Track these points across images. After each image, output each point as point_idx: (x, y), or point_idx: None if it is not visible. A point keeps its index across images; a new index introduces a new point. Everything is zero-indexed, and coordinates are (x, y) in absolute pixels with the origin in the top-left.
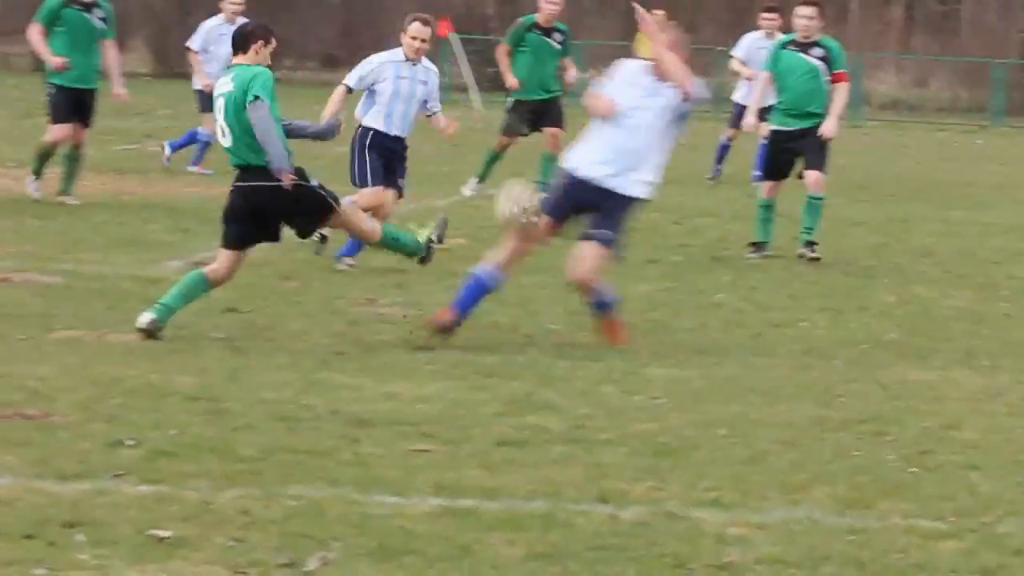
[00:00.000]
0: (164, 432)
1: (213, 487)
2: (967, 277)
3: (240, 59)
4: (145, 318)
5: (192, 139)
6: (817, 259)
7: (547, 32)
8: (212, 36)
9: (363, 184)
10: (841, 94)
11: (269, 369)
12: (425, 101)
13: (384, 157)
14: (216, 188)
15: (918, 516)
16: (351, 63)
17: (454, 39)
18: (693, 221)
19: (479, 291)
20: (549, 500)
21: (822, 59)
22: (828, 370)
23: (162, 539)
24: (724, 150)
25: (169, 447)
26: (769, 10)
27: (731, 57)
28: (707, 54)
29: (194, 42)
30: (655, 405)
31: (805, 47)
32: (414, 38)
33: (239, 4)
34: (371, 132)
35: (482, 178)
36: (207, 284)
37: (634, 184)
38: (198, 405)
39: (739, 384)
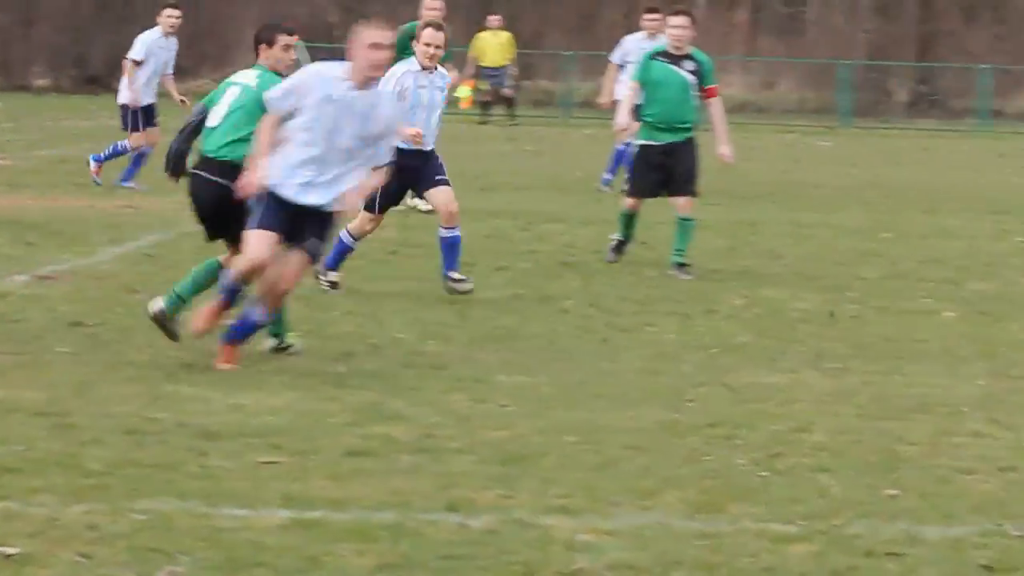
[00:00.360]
0: (10, 448)
1: (60, 503)
2: (816, 279)
3: (258, 61)
4: (155, 304)
5: (117, 152)
6: (690, 278)
7: None
8: (153, 49)
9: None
10: (719, 111)
11: (116, 383)
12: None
13: (403, 175)
14: (60, 200)
15: (769, 519)
16: (197, 73)
17: (300, 47)
18: (540, 227)
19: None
20: (398, 510)
21: (694, 73)
22: (677, 374)
23: (8, 556)
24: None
25: (15, 463)
26: (651, 11)
27: (611, 62)
28: (554, 59)
29: (137, 53)
30: (503, 412)
31: (677, 59)
32: (428, 44)
33: (176, 19)
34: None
35: None
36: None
37: (336, 200)
38: (45, 420)
39: (588, 390)
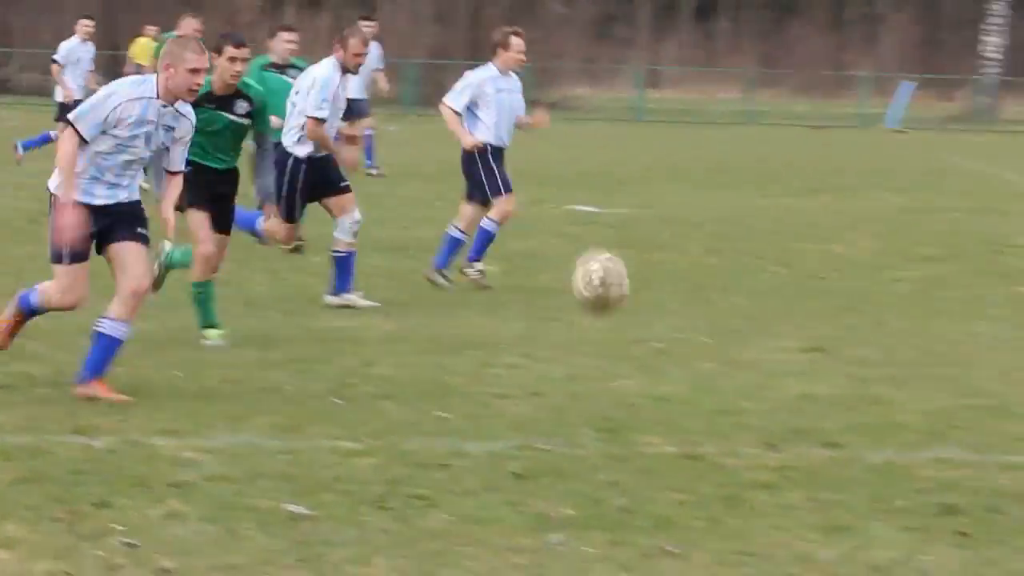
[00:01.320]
0: None
1: None
2: (382, 240)
3: None
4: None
5: (46, 140)
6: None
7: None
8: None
9: (496, 194)
10: None
11: None
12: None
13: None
14: None
15: (340, 438)
16: None
17: None
18: None
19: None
20: (33, 433)
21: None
22: (268, 320)
23: None
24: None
25: None
26: (365, 18)
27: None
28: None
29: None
30: (124, 352)
31: (282, 68)
32: (519, 52)
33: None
34: (488, 146)
35: None
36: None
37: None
38: None
39: (192, 334)
